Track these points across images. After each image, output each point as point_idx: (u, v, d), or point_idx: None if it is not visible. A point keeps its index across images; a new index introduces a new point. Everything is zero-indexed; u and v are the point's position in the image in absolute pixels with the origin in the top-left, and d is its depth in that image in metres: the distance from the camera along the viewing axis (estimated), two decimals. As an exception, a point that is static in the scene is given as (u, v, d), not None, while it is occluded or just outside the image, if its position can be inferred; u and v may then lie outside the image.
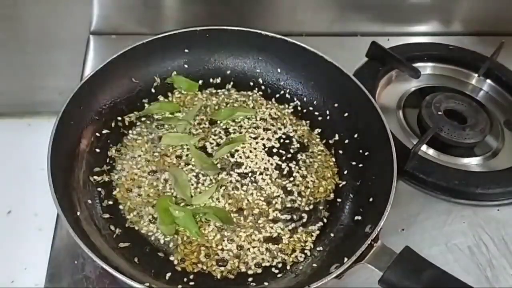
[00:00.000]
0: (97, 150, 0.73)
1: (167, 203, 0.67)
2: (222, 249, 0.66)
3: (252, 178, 0.73)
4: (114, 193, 0.70)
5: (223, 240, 0.67)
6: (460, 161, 0.83)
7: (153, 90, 0.81)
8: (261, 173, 0.74)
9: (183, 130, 0.77)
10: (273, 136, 0.78)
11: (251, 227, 0.68)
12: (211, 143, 0.76)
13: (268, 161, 0.75)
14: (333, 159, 0.77)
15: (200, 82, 0.83)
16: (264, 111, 0.81)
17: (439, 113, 0.85)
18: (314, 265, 0.65)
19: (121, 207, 0.68)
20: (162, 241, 0.66)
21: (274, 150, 0.77)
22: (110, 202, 0.69)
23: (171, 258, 0.65)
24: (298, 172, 0.75)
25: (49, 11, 0.90)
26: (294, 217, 0.70)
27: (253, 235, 0.68)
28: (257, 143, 0.77)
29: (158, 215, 0.67)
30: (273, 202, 0.71)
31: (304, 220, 0.70)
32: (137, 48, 0.78)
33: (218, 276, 0.64)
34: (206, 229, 0.67)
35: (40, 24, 0.91)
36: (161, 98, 0.81)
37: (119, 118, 0.77)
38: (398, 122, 0.87)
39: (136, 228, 0.67)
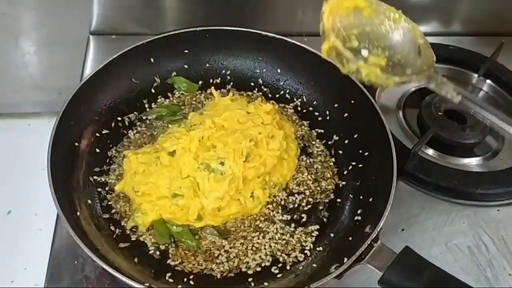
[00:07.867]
0: (97, 150, 0.73)
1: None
2: (220, 254, 0.66)
3: (252, 178, 0.73)
4: (112, 195, 0.70)
5: (223, 243, 0.67)
6: (460, 161, 0.83)
7: (153, 91, 0.81)
8: (261, 173, 0.74)
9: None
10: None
11: (251, 229, 0.68)
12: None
13: (268, 161, 0.75)
14: (333, 159, 0.77)
15: (200, 82, 0.83)
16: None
17: (439, 113, 0.85)
18: (314, 265, 0.65)
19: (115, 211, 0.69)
20: (162, 244, 0.66)
21: (274, 150, 0.77)
22: (110, 203, 0.69)
23: (171, 258, 0.65)
24: (298, 172, 0.75)
25: (49, 11, 0.90)
26: (294, 217, 0.70)
27: (253, 236, 0.68)
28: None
29: (154, 230, 0.67)
30: (273, 202, 0.71)
31: (304, 220, 0.70)
32: (137, 48, 0.78)
33: (218, 276, 0.64)
34: (205, 240, 0.67)
35: (40, 24, 0.91)
36: (161, 98, 0.81)
37: (119, 118, 0.77)
38: (398, 123, 0.87)
39: (133, 236, 0.67)
